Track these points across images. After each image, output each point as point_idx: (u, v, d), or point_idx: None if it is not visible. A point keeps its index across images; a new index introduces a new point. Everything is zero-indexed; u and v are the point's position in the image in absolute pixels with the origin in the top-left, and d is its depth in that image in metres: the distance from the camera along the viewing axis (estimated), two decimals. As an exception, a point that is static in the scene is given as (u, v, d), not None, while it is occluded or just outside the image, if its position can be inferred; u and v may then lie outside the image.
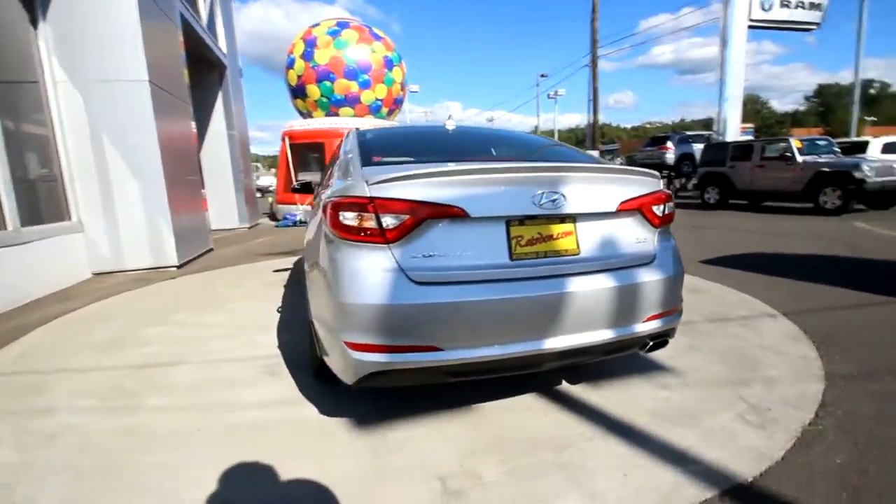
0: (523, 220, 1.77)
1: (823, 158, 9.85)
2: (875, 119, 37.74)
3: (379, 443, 1.92)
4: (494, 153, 2.57)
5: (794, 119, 79.49)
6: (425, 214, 1.67)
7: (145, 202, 5.59)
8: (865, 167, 8.92)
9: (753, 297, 3.88)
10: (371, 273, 1.66)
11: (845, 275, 4.56)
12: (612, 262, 1.88)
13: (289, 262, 6.33)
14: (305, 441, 1.95)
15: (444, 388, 2.31)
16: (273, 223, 12.53)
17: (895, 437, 1.86)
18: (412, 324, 1.63)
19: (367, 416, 2.12)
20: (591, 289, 1.78)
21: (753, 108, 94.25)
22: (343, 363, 1.75)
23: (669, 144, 16.39)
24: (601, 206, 1.86)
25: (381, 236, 1.68)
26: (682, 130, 24.19)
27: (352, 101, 12.15)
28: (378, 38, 12.38)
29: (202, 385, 2.52)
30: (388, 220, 1.67)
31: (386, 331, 1.63)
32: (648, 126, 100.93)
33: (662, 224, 2.04)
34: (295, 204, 12.10)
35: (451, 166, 1.76)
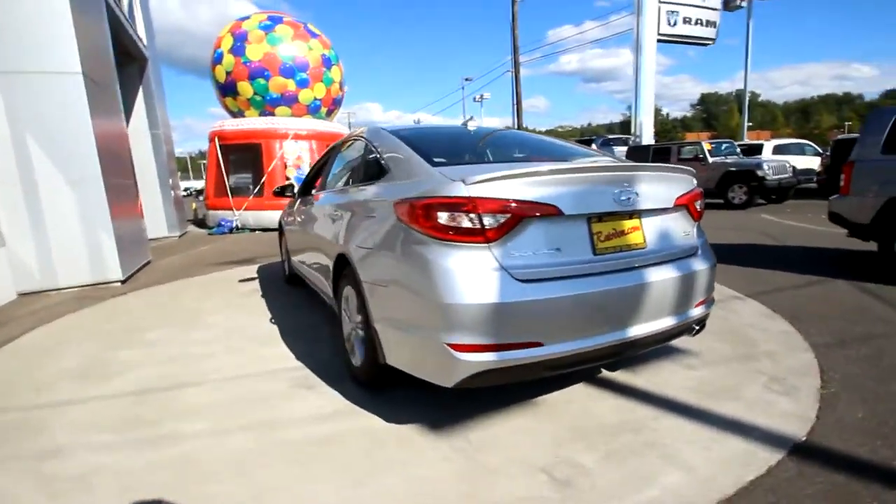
0: (602, 216, 1.87)
1: (730, 160, 11.20)
2: (751, 124, 43.77)
3: (463, 444, 1.91)
4: (531, 153, 2.63)
5: (683, 124, 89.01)
6: (524, 213, 1.70)
7: (82, 210, 4.93)
8: (766, 167, 10.29)
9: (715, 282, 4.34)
10: (477, 273, 1.66)
11: (776, 259, 5.26)
12: (669, 253, 2.04)
13: (250, 270, 5.93)
14: (384, 451, 1.88)
15: (497, 387, 2.33)
16: (204, 230, 11.60)
17: (891, 391, 2.22)
18: (519, 321, 1.66)
19: (439, 420, 2.09)
20: (659, 279, 1.92)
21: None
22: (443, 366, 1.73)
23: (594, 147, 17.60)
24: (662, 201, 2.01)
25: (481, 235, 1.69)
26: (602, 134, 25.93)
27: (289, 100, 11.61)
28: (314, 35, 11.95)
29: (232, 405, 2.32)
30: (489, 220, 1.68)
31: (494, 330, 1.64)
32: (560, 129, 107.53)
33: (699, 218, 2.25)
34: (230, 209, 11.32)
35: (546, 166, 1.82)
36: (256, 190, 11.20)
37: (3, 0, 4.44)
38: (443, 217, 1.71)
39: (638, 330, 1.90)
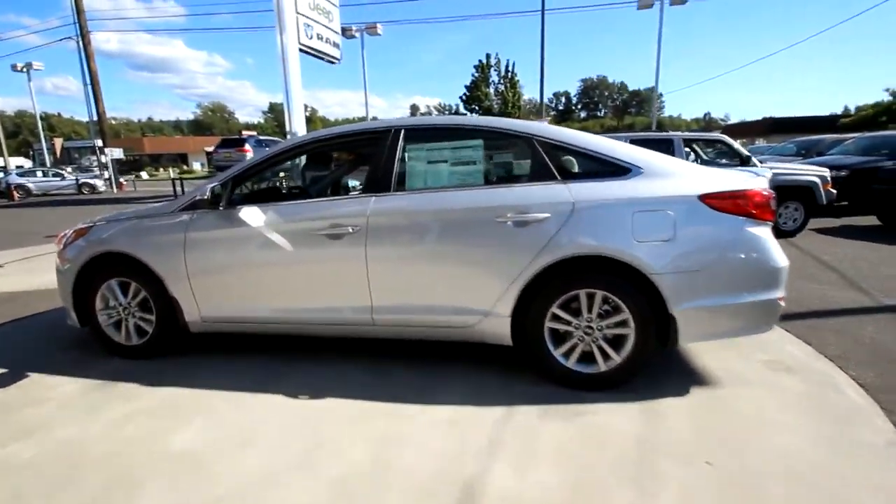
0: None
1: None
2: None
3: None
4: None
5: (262, 129, 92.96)
6: None
7: None
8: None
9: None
10: (777, 242, 2.29)
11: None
12: None
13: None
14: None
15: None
16: None
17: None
18: None
19: (681, 391, 2.48)
20: None
21: (223, 117, 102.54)
22: (768, 317, 2.27)
23: (248, 147, 16.57)
24: None
25: (773, 215, 2.30)
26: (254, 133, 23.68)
27: None
28: None
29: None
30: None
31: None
32: (114, 122, 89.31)
33: None
34: None
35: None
36: None
37: None
38: (772, 204, 2.22)
39: None
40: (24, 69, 22.39)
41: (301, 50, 18.67)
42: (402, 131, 2.61)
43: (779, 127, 34.13)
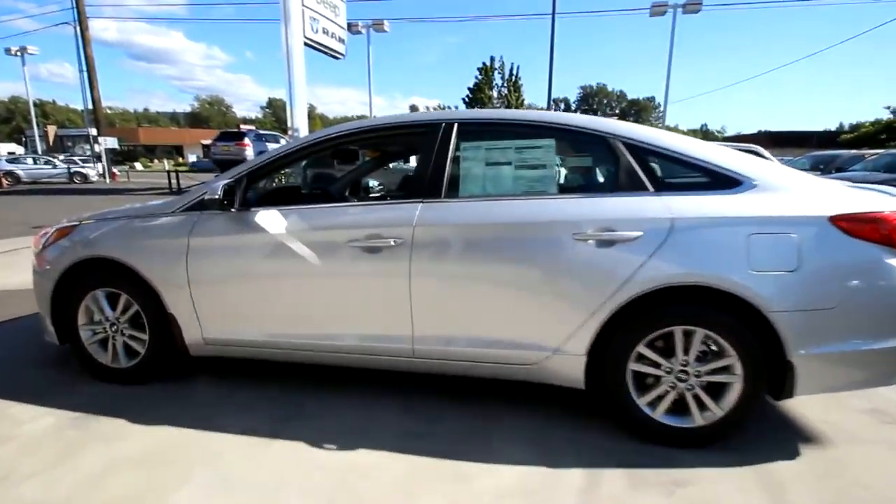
0: None
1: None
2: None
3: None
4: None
5: (259, 124, 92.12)
6: None
7: None
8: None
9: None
10: None
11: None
12: None
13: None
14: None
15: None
16: None
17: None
18: None
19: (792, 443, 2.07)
20: None
21: (220, 111, 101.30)
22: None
23: (247, 141, 16.03)
24: None
25: None
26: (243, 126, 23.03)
27: None
28: None
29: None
30: None
31: None
32: (110, 111, 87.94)
33: None
34: None
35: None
36: None
37: None
38: None
39: None
40: (19, 53, 21.67)
41: (306, 44, 18.17)
42: (456, 125, 2.18)
43: (775, 141, 33.79)
